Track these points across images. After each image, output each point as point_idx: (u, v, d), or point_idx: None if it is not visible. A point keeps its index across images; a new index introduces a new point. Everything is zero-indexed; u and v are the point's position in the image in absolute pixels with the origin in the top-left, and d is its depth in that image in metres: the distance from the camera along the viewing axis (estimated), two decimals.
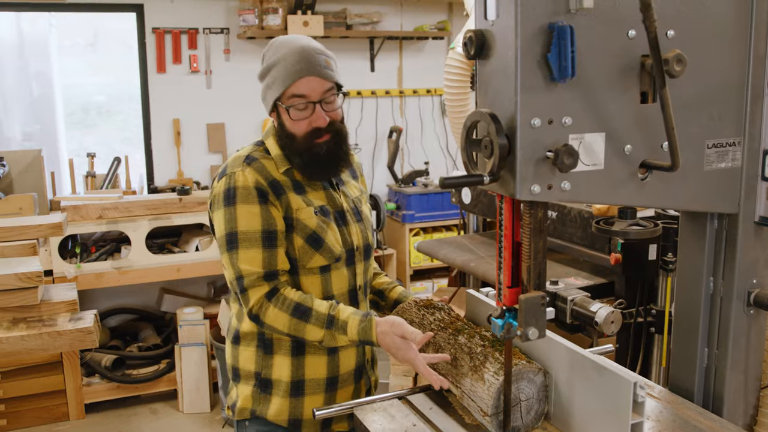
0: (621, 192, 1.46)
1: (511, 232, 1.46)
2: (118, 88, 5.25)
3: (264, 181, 1.85)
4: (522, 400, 1.61)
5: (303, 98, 1.84)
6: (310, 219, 1.88)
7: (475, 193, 3.67)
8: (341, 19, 5.10)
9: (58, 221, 3.41)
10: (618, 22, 1.37)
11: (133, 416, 4.36)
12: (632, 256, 2.51)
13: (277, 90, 1.85)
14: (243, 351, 1.96)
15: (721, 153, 1.58)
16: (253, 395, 1.94)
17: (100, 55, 5.19)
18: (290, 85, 1.83)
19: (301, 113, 1.85)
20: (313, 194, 1.93)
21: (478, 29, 1.40)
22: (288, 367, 1.91)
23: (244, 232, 1.81)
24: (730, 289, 1.68)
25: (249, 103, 5.23)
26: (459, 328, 1.81)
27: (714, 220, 1.69)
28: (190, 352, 4.32)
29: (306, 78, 1.83)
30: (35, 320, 3.17)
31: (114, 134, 5.29)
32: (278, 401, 1.91)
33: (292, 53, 1.85)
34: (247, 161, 1.87)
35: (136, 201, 4.28)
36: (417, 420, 1.70)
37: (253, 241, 1.81)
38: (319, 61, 1.86)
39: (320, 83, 1.85)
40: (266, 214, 1.83)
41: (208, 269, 4.43)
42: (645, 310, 2.63)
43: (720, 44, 1.53)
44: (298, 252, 1.88)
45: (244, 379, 1.97)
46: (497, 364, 1.61)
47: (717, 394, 1.74)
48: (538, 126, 1.33)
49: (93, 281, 4.17)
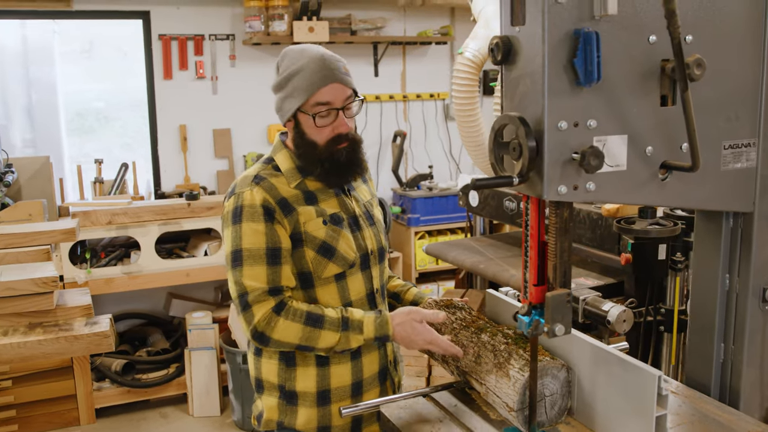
0: (642, 192, 1.51)
1: (537, 232, 1.50)
2: (116, 94, 5.28)
3: (272, 200, 1.87)
4: (546, 396, 1.66)
5: (327, 105, 1.87)
6: (319, 230, 1.90)
7: (482, 196, 3.72)
8: (346, 24, 5.16)
9: (70, 227, 3.45)
10: (639, 28, 1.42)
11: (143, 420, 4.39)
12: (642, 257, 2.56)
13: (300, 99, 1.87)
14: (265, 363, 1.98)
15: (736, 153, 1.63)
16: (279, 407, 1.96)
17: (96, 61, 5.22)
18: (314, 92, 1.86)
19: (325, 120, 1.88)
20: (325, 203, 1.95)
21: (504, 35, 1.45)
22: (313, 378, 1.93)
23: (248, 249, 1.83)
24: (746, 286, 1.73)
25: (255, 109, 5.28)
26: (481, 327, 1.85)
27: (729, 219, 1.74)
28: (200, 356, 4.35)
29: (330, 85, 1.86)
30: (51, 325, 3.20)
31: (113, 140, 5.33)
32: (306, 411, 1.94)
33: (313, 61, 1.87)
34: (255, 181, 1.90)
35: (145, 206, 4.32)
36: (444, 416, 1.74)
37: (257, 258, 1.83)
38: (340, 67, 1.91)
39: (343, 90, 1.89)
40: (271, 232, 1.85)
41: (217, 273, 4.46)
42: (654, 309, 2.68)
43: (736, 47, 1.58)
44: (312, 264, 1.90)
45: (268, 390, 1.99)
46: (522, 360, 1.66)
47: (733, 389, 1.78)
48: (564, 129, 1.38)
49: (103, 286, 4.21)
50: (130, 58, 5.16)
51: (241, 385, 4.13)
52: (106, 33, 5.15)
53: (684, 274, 2.48)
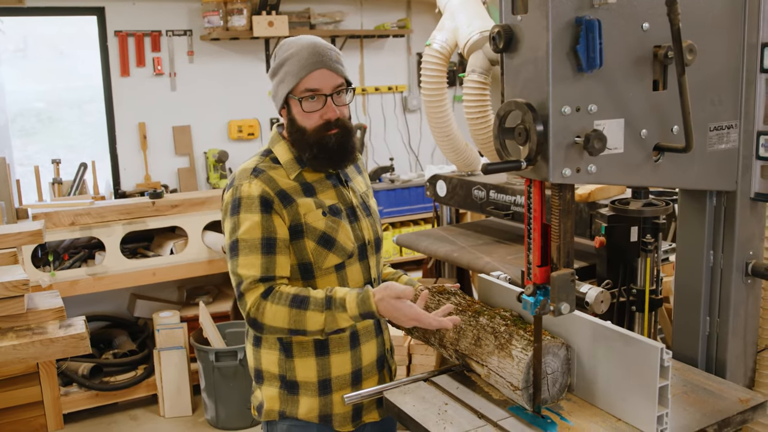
0: (638, 173, 1.57)
1: (540, 214, 1.55)
2: (57, 94, 5.16)
3: (271, 191, 1.88)
4: (548, 374, 1.71)
5: (315, 91, 1.89)
6: (318, 221, 1.92)
7: (450, 186, 3.77)
8: (305, 18, 5.15)
9: (37, 228, 3.38)
10: (634, 16, 1.48)
11: (113, 424, 4.32)
12: (615, 239, 2.65)
13: (290, 83, 1.90)
14: (265, 354, 1.99)
15: (720, 135, 1.71)
16: (280, 397, 1.97)
17: (32, 61, 5.08)
18: (303, 77, 1.88)
19: (313, 105, 1.90)
20: (323, 194, 1.97)
21: (505, 24, 1.49)
22: (314, 368, 1.94)
23: (244, 240, 1.85)
24: (730, 261, 1.82)
25: (214, 105, 5.24)
26: (478, 310, 1.89)
27: (713, 198, 1.82)
28: (169, 356, 4.30)
29: (319, 71, 1.89)
30: (24, 329, 3.13)
31: (57, 141, 5.20)
32: (308, 401, 1.95)
33: (304, 48, 1.91)
34: (254, 173, 1.91)
35: (109, 206, 4.24)
36: (448, 399, 1.78)
37: (252, 248, 1.84)
38: (331, 55, 1.93)
39: (332, 77, 1.91)
40: (267, 223, 1.86)
41: (183, 272, 4.41)
42: (626, 290, 2.77)
43: (718, 34, 1.65)
44: (312, 255, 1.92)
45: (268, 381, 2.00)
46: (523, 341, 1.71)
47: (719, 360, 1.87)
48: (567, 113, 1.43)
49: (68, 289, 4.12)
50: (69, 56, 5.04)
51: (214, 383, 4.10)
52: (32, 32, 5.00)
53: (654, 255, 2.56)
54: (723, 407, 1.66)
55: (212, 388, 4.13)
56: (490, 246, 3.37)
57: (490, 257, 3.17)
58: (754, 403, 1.67)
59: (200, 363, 4.18)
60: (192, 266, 4.42)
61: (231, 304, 4.74)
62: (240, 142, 5.38)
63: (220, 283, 5.06)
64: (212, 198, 4.45)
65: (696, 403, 1.68)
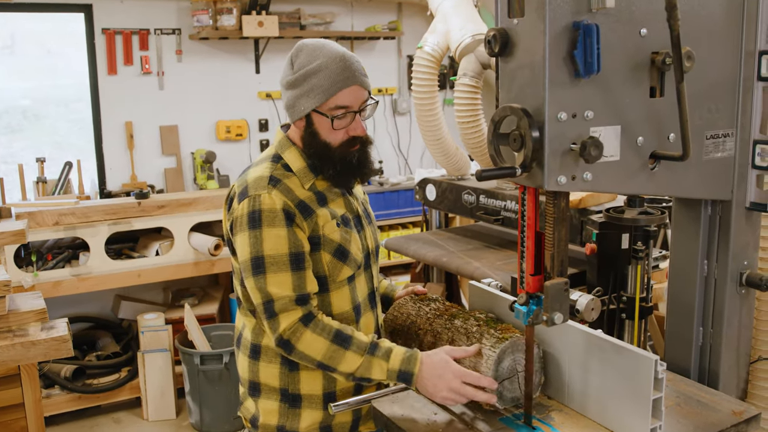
0: (634, 181, 1.55)
1: (534, 222, 1.52)
2: (44, 92, 5.08)
3: (291, 203, 1.79)
4: (519, 371, 1.70)
5: (346, 108, 1.80)
6: (335, 233, 1.84)
7: (440, 190, 3.74)
8: (295, 19, 5.10)
9: (20, 228, 3.32)
10: (632, 21, 1.46)
11: (96, 427, 4.26)
12: (606, 246, 2.63)
13: (318, 99, 1.79)
14: (264, 367, 1.91)
15: (717, 143, 1.68)
16: (279, 411, 1.91)
17: (19, 58, 5.01)
18: (334, 95, 1.79)
19: (341, 123, 1.81)
20: (334, 203, 1.90)
21: (501, 27, 1.46)
22: (320, 381, 1.88)
23: (271, 256, 1.76)
24: (724, 271, 1.80)
25: (203, 105, 5.18)
26: (454, 314, 1.89)
27: (708, 207, 1.80)
28: (153, 359, 4.24)
29: (351, 88, 1.79)
30: (4, 331, 3.08)
31: (43, 139, 5.12)
32: (310, 413, 1.90)
33: (334, 61, 1.79)
34: (272, 183, 1.81)
35: (94, 206, 4.18)
36: (437, 409, 1.74)
37: (281, 265, 1.76)
38: (360, 69, 1.83)
39: (362, 93, 1.82)
40: (293, 237, 1.78)
41: (169, 273, 4.36)
42: (617, 298, 2.75)
43: (716, 41, 1.63)
44: (328, 268, 1.85)
45: (266, 394, 1.92)
46: (492, 338, 1.70)
47: (712, 371, 1.85)
48: (564, 120, 1.40)
49: (51, 290, 4.05)
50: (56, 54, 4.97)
51: (198, 386, 4.05)
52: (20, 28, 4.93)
53: (645, 262, 2.54)
54: (716, 420, 1.64)
55: (197, 391, 4.07)
56: (479, 251, 3.35)
57: (479, 262, 3.14)
58: (748, 415, 1.64)
59: (185, 366, 4.12)
60: (178, 268, 4.37)
61: (217, 306, 4.69)
62: (228, 143, 5.33)
63: (206, 285, 5.01)
64: (199, 199, 4.40)
65: (689, 415, 1.66)
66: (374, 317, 2.00)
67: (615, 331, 2.76)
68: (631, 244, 2.60)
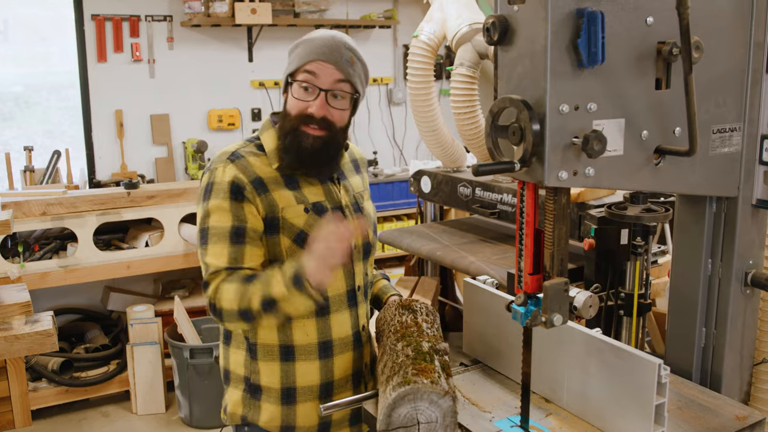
0: (638, 177, 1.48)
1: (533, 219, 1.46)
2: (36, 78, 4.99)
3: (245, 178, 1.77)
4: (421, 422, 1.48)
5: (311, 76, 1.77)
6: (298, 218, 1.79)
7: (435, 182, 3.67)
8: (289, 6, 5.02)
9: (4, 218, 3.24)
10: (638, 9, 1.39)
11: (84, 420, 4.19)
12: (604, 242, 2.56)
13: (293, 65, 1.81)
14: (233, 353, 1.89)
15: (723, 138, 1.62)
16: (243, 400, 1.87)
17: (12, 44, 4.92)
18: (306, 62, 1.78)
19: (303, 93, 1.78)
20: (308, 189, 1.84)
21: (501, 15, 1.38)
22: (277, 374, 1.83)
23: (213, 227, 1.76)
24: (729, 270, 1.73)
25: (194, 94, 5.10)
26: (404, 335, 1.73)
27: (713, 204, 1.73)
28: (143, 352, 4.18)
29: (324, 63, 1.77)
30: None
31: (34, 127, 5.04)
32: (269, 408, 1.84)
33: (321, 37, 1.82)
34: (231, 158, 1.81)
35: (82, 196, 4.10)
36: None
37: (221, 237, 1.75)
38: (343, 53, 1.80)
39: (335, 74, 1.78)
40: (236, 210, 1.76)
41: (159, 265, 4.29)
42: (614, 294, 2.69)
43: (724, 32, 1.56)
44: (286, 253, 1.79)
45: (234, 382, 1.90)
46: (400, 378, 1.52)
47: (715, 373, 1.79)
48: (566, 112, 1.33)
49: (38, 281, 3.98)
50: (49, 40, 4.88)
51: (188, 380, 3.98)
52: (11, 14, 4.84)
53: (644, 258, 2.48)
54: (719, 425, 1.58)
55: (186, 385, 4.01)
56: (474, 245, 3.28)
57: (474, 257, 3.07)
58: (752, 420, 1.58)
59: (174, 359, 4.06)
60: (168, 259, 4.29)
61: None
62: (220, 132, 5.25)
63: (196, 277, 4.94)
64: (190, 189, 4.32)
65: (690, 420, 1.60)
66: (352, 317, 1.90)
67: (612, 328, 2.71)
68: (630, 240, 2.55)
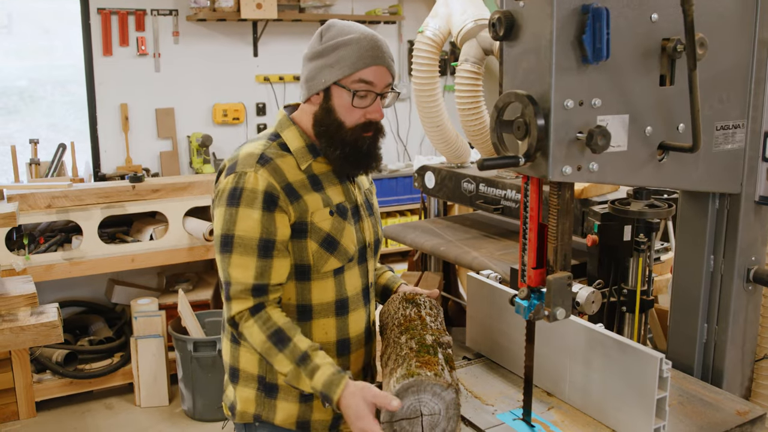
0: (641, 173, 1.49)
1: (537, 214, 1.47)
2: (41, 72, 5.00)
3: (278, 186, 1.72)
4: (424, 414, 1.48)
5: (369, 85, 1.73)
6: (325, 221, 1.77)
7: (439, 178, 3.68)
8: (294, 1, 5.02)
9: (10, 211, 3.25)
10: (642, 6, 1.40)
11: (87, 412, 4.22)
12: (607, 238, 2.57)
13: (343, 71, 1.72)
14: (245, 352, 1.85)
15: (727, 135, 1.63)
16: (256, 399, 1.84)
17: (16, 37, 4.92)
18: (361, 69, 1.71)
19: (361, 101, 1.74)
20: (331, 189, 1.81)
21: (506, 10, 1.39)
22: None
23: (240, 237, 1.69)
24: (731, 266, 1.74)
25: (199, 88, 5.11)
26: (407, 328, 1.74)
27: (715, 200, 1.74)
28: (146, 345, 4.20)
29: (379, 67, 1.73)
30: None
31: (39, 121, 5.05)
32: (286, 406, 1.83)
33: (365, 38, 1.74)
34: (261, 161, 1.73)
35: (87, 189, 4.11)
36: None
37: (248, 249, 1.70)
38: (390, 53, 1.78)
39: (387, 76, 1.76)
40: (268, 222, 1.70)
41: (164, 258, 4.30)
42: (617, 290, 2.70)
43: (729, 29, 1.57)
44: (313, 257, 1.77)
45: (245, 381, 1.86)
46: (404, 370, 1.53)
47: (716, 368, 1.80)
48: (570, 107, 1.34)
49: (43, 273, 3.99)
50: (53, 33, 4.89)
51: (191, 373, 4.00)
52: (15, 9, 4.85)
53: (647, 254, 2.49)
54: (720, 420, 1.59)
55: (189, 378, 4.03)
56: (478, 240, 3.29)
57: (478, 252, 3.09)
58: (753, 415, 1.60)
59: (178, 352, 4.07)
60: (172, 253, 4.30)
61: (211, 292, 4.63)
62: (224, 127, 5.26)
63: (200, 271, 4.96)
64: (195, 183, 4.34)
65: (692, 415, 1.61)
66: (366, 314, 1.91)
67: (615, 324, 2.72)
68: (633, 236, 2.55)
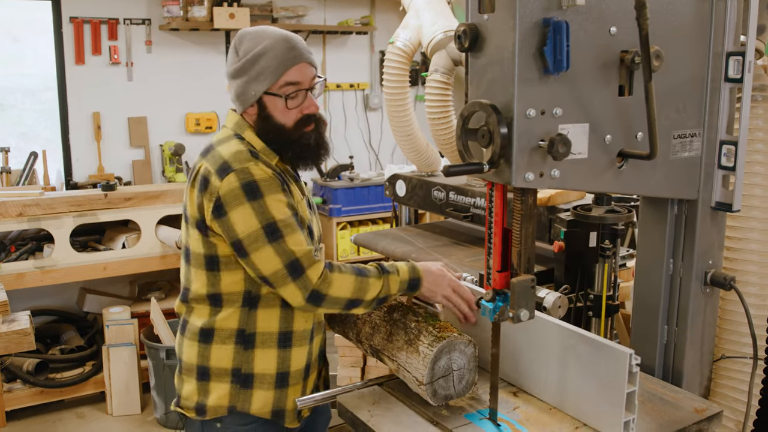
0: (601, 179, 1.55)
1: (502, 219, 1.52)
2: (11, 80, 4.97)
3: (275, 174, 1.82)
4: (454, 370, 1.71)
5: (296, 85, 1.82)
6: (305, 211, 1.88)
7: (410, 186, 3.73)
8: (267, 12, 5.06)
9: None
10: (602, 19, 1.46)
11: (59, 421, 4.19)
12: (573, 244, 2.64)
13: (268, 80, 1.80)
14: (217, 349, 1.88)
15: (684, 143, 1.69)
16: (231, 392, 1.88)
17: None
18: (284, 72, 1.80)
19: (294, 101, 1.83)
20: (293, 185, 1.91)
21: (471, 23, 1.45)
22: (274, 360, 1.88)
23: (282, 220, 1.75)
24: (689, 270, 1.81)
25: (172, 97, 5.12)
26: (393, 306, 1.89)
27: (674, 206, 1.81)
28: (119, 353, 4.18)
29: (300, 65, 1.82)
30: None
31: (9, 129, 5.02)
32: (262, 395, 1.88)
33: (278, 42, 1.81)
34: (254, 156, 1.81)
35: (59, 197, 4.10)
36: (402, 405, 1.73)
37: (292, 226, 1.77)
38: (305, 47, 1.87)
39: (310, 70, 1.85)
40: (290, 200, 1.80)
41: (136, 266, 4.30)
42: (584, 296, 2.76)
43: (685, 42, 1.64)
44: None
45: (217, 377, 1.90)
46: (431, 336, 1.71)
47: (676, 369, 1.87)
48: (532, 116, 1.39)
49: (14, 282, 3.97)
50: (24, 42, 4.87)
51: (164, 381, 4.00)
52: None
53: (612, 260, 2.56)
54: (679, 417, 1.65)
55: (162, 386, 4.02)
56: (448, 248, 3.34)
57: (448, 259, 3.14)
58: (710, 413, 1.66)
59: (150, 360, 4.07)
60: (144, 261, 4.31)
61: None
62: (197, 136, 5.27)
63: (173, 279, 4.95)
64: (167, 192, 4.34)
65: (652, 413, 1.67)
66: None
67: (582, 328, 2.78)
68: (598, 243, 2.62)
